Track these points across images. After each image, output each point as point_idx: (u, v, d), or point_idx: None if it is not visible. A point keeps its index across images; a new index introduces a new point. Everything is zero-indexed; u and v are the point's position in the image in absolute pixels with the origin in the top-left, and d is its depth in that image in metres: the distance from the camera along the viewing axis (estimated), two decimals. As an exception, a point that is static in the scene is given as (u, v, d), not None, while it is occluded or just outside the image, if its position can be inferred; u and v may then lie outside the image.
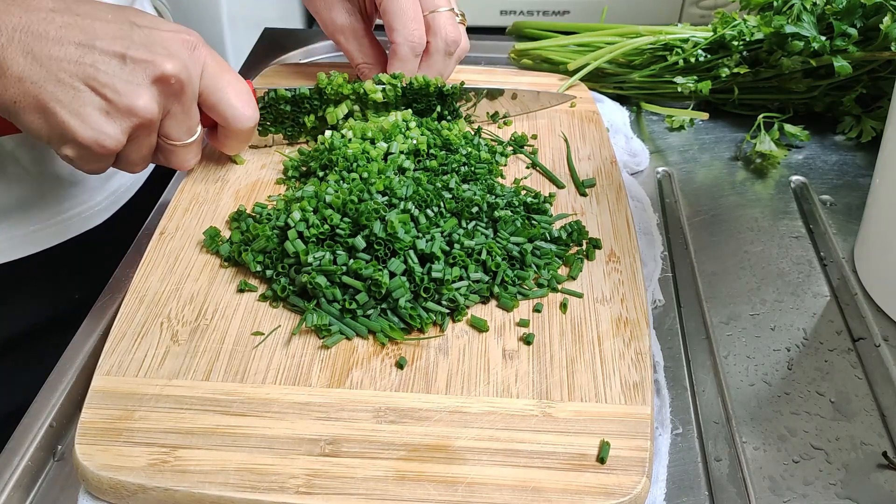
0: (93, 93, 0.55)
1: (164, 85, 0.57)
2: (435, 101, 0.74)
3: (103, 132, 0.56)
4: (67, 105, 0.55)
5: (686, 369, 0.58)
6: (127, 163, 0.61)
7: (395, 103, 0.73)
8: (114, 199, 0.79)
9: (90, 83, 0.55)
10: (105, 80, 0.55)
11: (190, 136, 0.62)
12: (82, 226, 0.76)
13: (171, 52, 0.58)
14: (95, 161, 0.59)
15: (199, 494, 0.45)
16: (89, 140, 0.56)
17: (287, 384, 0.51)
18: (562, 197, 0.68)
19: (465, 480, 0.46)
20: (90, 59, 0.55)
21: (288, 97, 0.71)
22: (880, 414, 0.54)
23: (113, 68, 0.55)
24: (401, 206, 0.60)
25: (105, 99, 0.56)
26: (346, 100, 0.72)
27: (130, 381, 0.51)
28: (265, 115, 0.71)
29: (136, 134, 0.58)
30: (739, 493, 0.49)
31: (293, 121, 0.73)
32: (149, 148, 0.61)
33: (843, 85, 0.82)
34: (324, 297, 0.55)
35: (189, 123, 0.61)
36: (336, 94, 0.72)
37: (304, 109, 0.72)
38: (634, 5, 1.03)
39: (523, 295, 0.58)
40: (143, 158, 0.61)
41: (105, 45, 0.55)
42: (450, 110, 0.75)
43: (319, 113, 0.72)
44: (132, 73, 0.56)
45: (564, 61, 0.87)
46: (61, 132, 0.56)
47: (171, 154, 0.63)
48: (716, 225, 0.71)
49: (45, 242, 0.74)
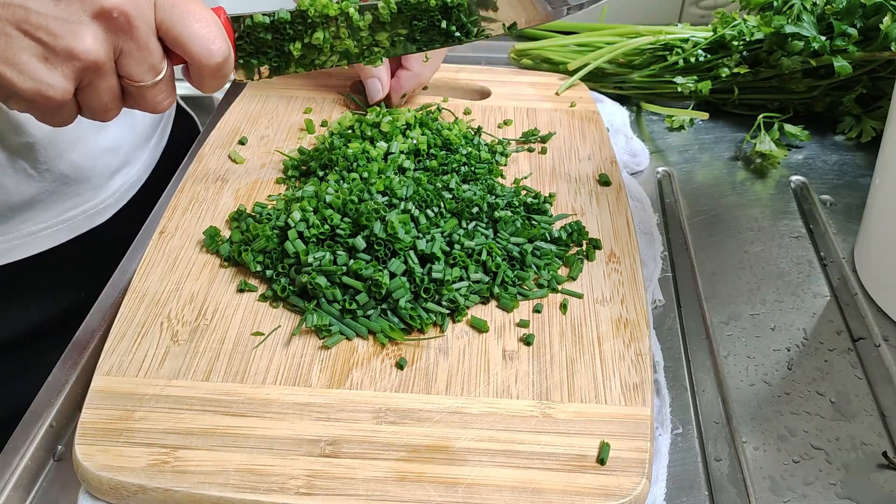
0: (26, 37, 0.49)
1: (106, 20, 0.51)
2: (439, 15, 0.65)
3: (44, 81, 0.50)
4: (1, 55, 0.49)
5: (686, 369, 0.58)
6: (90, 110, 0.55)
7: (392, 22, 0.65)
8: (118, 196, 0.79)
9: (22, 27, 0.49)
10: (38, 22, 0.49)
11: (155, 74, 0.55)
12: (88, 223, 0.76)
13: None
14: (48, 113, 0.53)
15: (199, 495, 0.45)
16: (31, 91, 0.50)
17: (287, 384, 0.51)
18: (562, 197, 0.68)
19: (465, 481, 0.46)
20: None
21: (266, 23, 0.62)
22: (880, 414, 0.54)
23: (46, 7, 0.49)
24: (401, 207, 0.60)
25: (41, 43, 0.49)
26: (333, 22, 0.64)
27: (130, 381, 0.51)
28: (243, 46, 0.63)
29: (87, 79, 0.52)
30: (739, 493, 0.49)
31: (277, 50, 0.64)
32: (109, 92, 0.54)
33: (843, 85, 0.82)
34: (324, 297, 0.55)
35: (151, 61, 0.54)
36: (321, 17, 0.64)
37: (287, 37, 0.64)
38: (634, 5, 1.03)
39: (523, 295, 0.58)
40: (106, 105, 0.55)
41: None
42: (458, 25, 0.66)
43: (306, 39, 0.64)
44: (68, 9, 0.49)
45: (564, 61, 0.87)
46: (0, 86, 0.50)
47: (139, 97, 0.56)
48: (716, 225, 0.71)
49: (51, 241, 0.74)
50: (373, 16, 0.65)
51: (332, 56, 0.66)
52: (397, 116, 0.72)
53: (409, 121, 0.72)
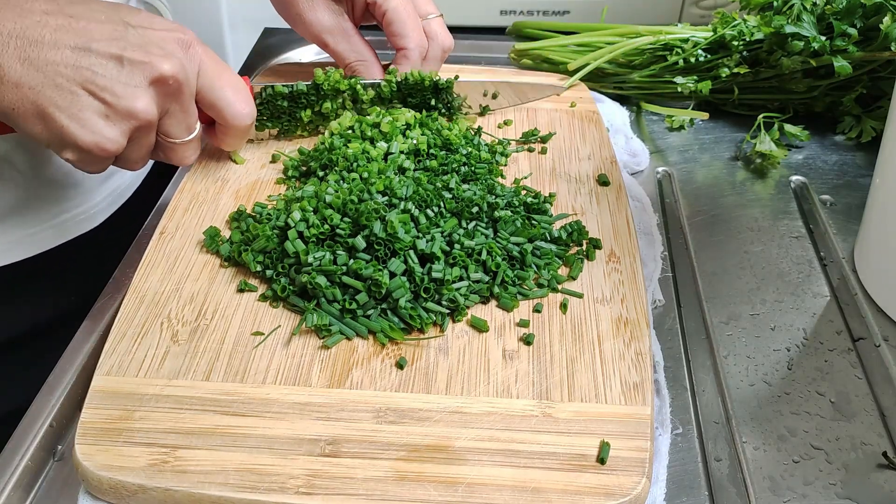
0: (91, 97, 0.55)
1: (161, 85, 0.57)
2: (430, 94, 0.75)
3: (103, 136, 0.56)
4: (66, 110, 0.55)
5: (686, 369, 0.58)
6: (127, 162, 0.61)
7: (391, 98, 0.75)
8: (112, 199, 0.79)
9: (88, 87, 0.55)
10: (103, 84, 0.55)
11: (189, 133, 0.62)
12: (81, 227, 0.76)
13: (167, 52, 0.57)
14: (97, 163, 0.59)
15: (199, 495, 0.45)
16: (90, 144, 0.56)
17: (287, 384, 0.51)
18: (562, 197, 0.68)
19: (465, 481, 0.46)
20: (87, 62, 0.55)
21: (285, 93, 0.72)
22: (880, 414, 0.54)
23: (110, 71, 0.55)
24: (401, 206, 0.60)
25: (104, 102, 0.55)
26: (341, 95, 0.73)
27: (130, 381, 0.51)
28: (262, 111, 0.72)
29: (136, 135, 0.58)
30: (739, 493, 0.49)
31: (290, 115, 0.73)
32: (148, 147, 0.61)
33: (843, 85, 0.82)
34: (324, 297, 0.55)
35: (188, 121, 0.62)
36: (333, 90, 0.73)
37: (300, 105, 0.73)
38: (634, 5, 1.03)
39: (523, 295, 0.58)
40: (143, 157, 0.62)
41: (101, 48, 0.55)
42: (444, 103, 0.76)
43: (316, 108, 0.73)
44: (130, 74, 0.56)
45: (564, 61, 0.87)
46: (61, 137, 0.55)
47: (170, 151, 0.63)
48: (716, 225, 0.71)
49: (44, 244, 0.74)
50: (375, 91, 0.74)
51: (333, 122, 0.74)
52: (397, 116, 0.72)
53: (408, 121, 0.72)
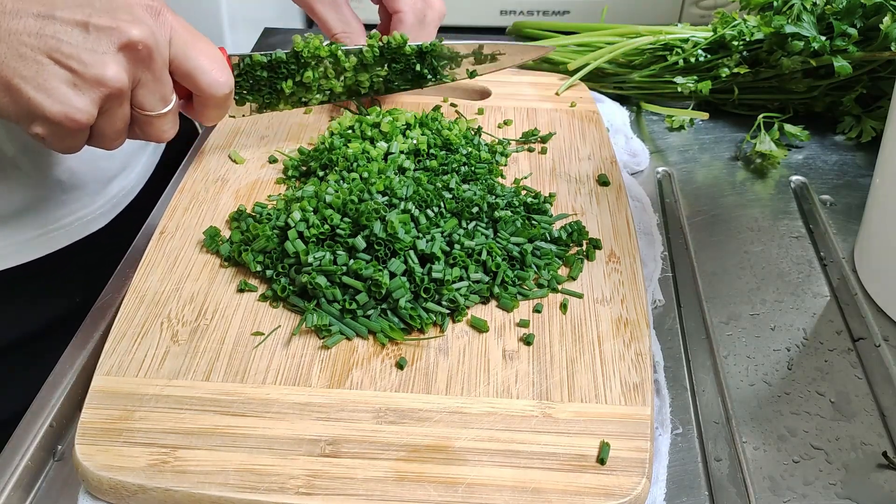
0: (57, 65, 0.53)
1: (131, 52, 0.55)
2: (414, 59, 0.73)
3: (72, 105, 0.53)
4: (32, 80, 0.52)
5: (686, 369, 0.58)
6: (102, 137, 0.59)
7: (374, 64, 0.73)
8: (114, 203, 0.79)
9: (53, 55, 0.52)
10: (69, 51, 0.53)
11: (164, 105, 0.59)
12: (83, 230, 0.76)
13: (135, 18, 0.55)
14: (68, 137, 0.56)
15: (199, 495, 0.45)
16: (58, 115, 0.53)
17: (287, 384, 0.51)
18: (562, 197, 0.68)
19: (465, 481, 0.46)
20: (51, 30, 0.52)
21: (264, 62, 0.69)
22: (880, 414, 0.54)
23: (76, 38, 0.53)
24: (401, 206, 0.60)
25: (71, 71, 0.53)
26: (322, 63, 0.71)
27: (130, 381, 0.51)
28: (241, 83, 0.69)
29: (108, 105, 0.56)
30: (739, 493, 0.49)
31: (270, 87, 0.71)
32: (122, 120, 0.58)
33: (843, 85, 0.82)
34: (324, 297, 0.55)
35: (162, 91, 0.59)
36: (313, 57, 0.70)
37: (280, 74, 0.70)
38: (634, 5, 1.03)
39: (523, 295, 0.58)
40: (118, 132, 0.59)
41: (66, 15, 0.53)
42: (430, 69, 0.75)
43: (297, 77, 0.71)
44: (97, 41, 0.53)
45: (564, 61, 0.87)
46: (28, 109, 0.53)
47: (146, 125, 0.60)
48: (716, 225, 0.71)
49: (47, 247, 0.74)
50: (357, 58, 0.72)
51: (317, 94, 0.73)
52: (397, 116, 0.72)
53: (408, 121, 0.72)
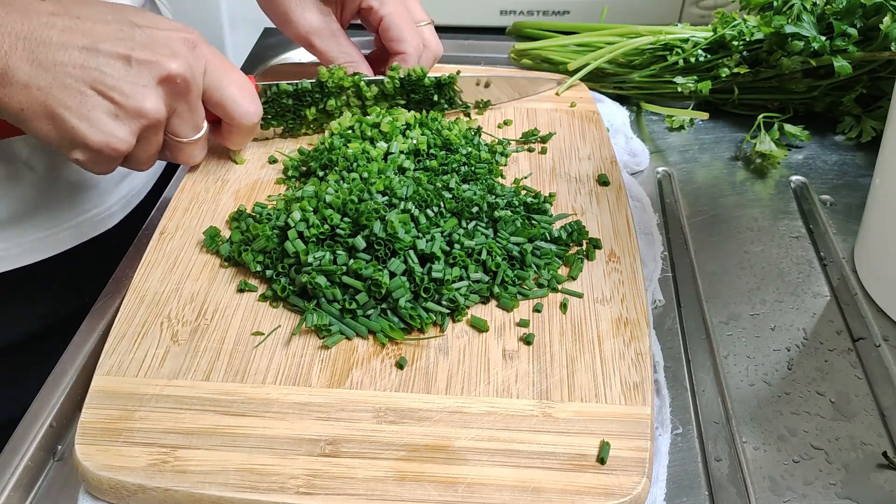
0: (100, 97, 0.56)
1: (169, 85, 0.58)
2: (433, 90, 0.76)
3: (113, 135, 0.56)
4: (76, 110, 0.55)
5: (686, 369, 0.58)
6: (136, 162, 0.62)
7: (394, 94, 0.75)
8: (126, 202, 0.79)
9: (97, 87, 0.55)
10: (112, 83, 0.56)
11: (196, 132, 0.63)
12: (97, 228, 0.76)
13: (174, 52, 0.58)
14: (106, 163, 0.59)
15: (199, 495, 0.45)
16: (100, 144, 0.56)
17: (287, 384, 0.51)
18: (562, 197, 0.68)
19: (465, 481, 0.46)
20: (95, 62, 0.55)
21: (290, 91, 0.72)
22: (880, 414, 0.54)
23: (118, 71, 0.56)
24: (401, 206, 0.60)
25: (113, 102, 0.56)
26: (345, 92, 0.74)
27: (130, 381, 0.51)
28: (267, 110, 0.73)
29: (145, 134, 0.59)
30: (739, 493, 0.49)
31: (294, 114, 0.74)
32: (157, 146, 0.62)
33: (843, 85, 0.82)
34: (324, 297, 0.55)
35: (195, 120, 0.62)
36: (337, 87, 0.73)
37: (305, 102, 0.74)
38: (634, 5, 1.03)
39: (523, 295, 0.58)
40: (151, 157, 0.62)
41: (109, 48, 0.56)
42: (446, 98, 0.77)
43: (320, 105, 0.74)
44: (138, 74, 0.56)
45: (564, 61, 0.87)
46: (71, 137, 0.56)
47: (178, 151, 0.64)
48: (716, 225, 0.71)
49: (59, 246, 0.74)
50: (378, 88, 0.75)
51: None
52: (397, 116, 0.72)
53: (408, 121, 0.72)
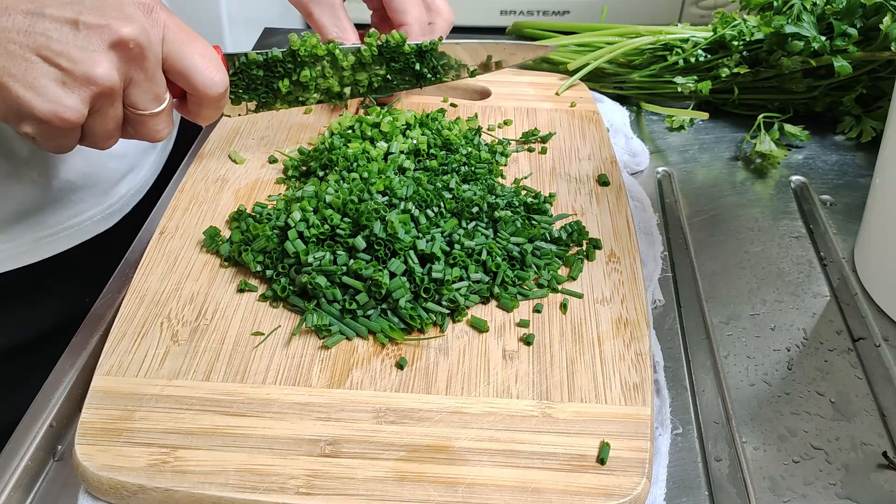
0: (47, 63, 0.52)
1: (122, 50, 0.54)
2: (414, 58, 0.73)
3: (62, 104, 0.53)
4: (21, 78, 0.52)
5: (686, 369, 0.58)
6: (94, 137, 0.58)
7: (372, 63, 0.72)
8: (123, 203, 0.79)
9: (43, 53, 0.52)
10: (58, 49, 0.52)
11: (158, 104, 0.58)
12: (97, 228, 0.76)
13: (126, 15, 0.54)
14: (58, 137, 0.55)
15: (199, 495, 0.45)
16: (48, 113, 0.52)
17: (287, 384, 0.51)
18: (562, 197, 0.68)
19: (465, 481, 0.46)
20: (41, 27, 0.52)
21: (260, 61, 0.68)
22: (880, 414, 0.54)
23: (66, 35, 0.52)
24: (401, 207, 0.60)
25: (60, 69, 0.52)
26: (320, 62, 0.70)
27: (130, 381, 0.51)
28: (236, 82, 0.68)
29: (99, 104, 0.55)
30: (739, 493, 0.49)
31: (266, 86, 0.70)
32: (114, 120, 0.57)
33: (843, 85, 0.82)
34: (324, 297, 0.55)
35: (155, 91, 0.58)
36: (310, 56, 0.69)
37: (277, 74, 0.69)
38: (634, 5, 1.03)
39: (523, 295, 0.58)
40: (110, 132, 0.58)
41: (55, 12, 0.52)
42: (429, 67, 0.74)
43: (294, 76, 0.70)
44: (87, 39, 0.53)
45: (564, 61, 0.87)
46: (17, 108, 0.52)
47: (140, 125, 0.59)
48: (716, 225, 0.71)
49: (58, 246, 0.74)
50: (355, 57, 0.71)
51: (314, 93, 0.72)
52: (397, 116, 0.72)
53: (408, 121, 0.72)
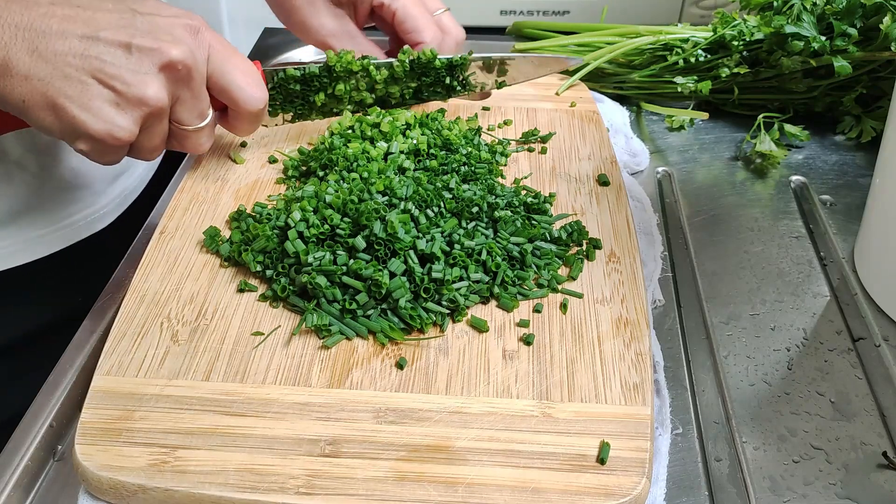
0: (101, 85, 0.55)
1: (171, 72, 0.57)
2: (444, 72, 0.75)
3: (115, 124, 0.56)
4: (77, 100, 0.55)
5: (686, 369, 0.58)
6: (141, 151, 0.61)
7: (404, 78, 0.75)
8: (120, 201, 0.79)
9: (97, 76, 0.55)
10: (112, 72, 0.55)
11: (202, 120, 0.62)
12: (90, 228, 0.76)
13: (175, 38, 0.57)
14: (110, 153, 0.58)
15: (199, 495, 0.45)
16: (102, 133, 0.56)
17: (287, 384, 0.51)
18: (562, 197, 0.68)
19: (465, 481, 0.46)
20: (95, 51, 0.55)
21: (297, 76, 0.71)
22: (880, 414, 0.54)
23: (119, 59, 0.55)
24: (401, 206, 0.60)
25: (114, 91, 0.55)
26: (354, 76, 0.73)
27: (130, 381, 0.51)
28: (275, 96, 0.71)
29: (149, 123, 0.58)
30: (739, 493, 0.49)
31: (303, 99, 0.73)
32: (161, 135, 0.61)
33: (843, 85, 0.82)
34: (324, 297, 0.55)
35: (200, 108, 0.61)
36: (345, 71, 0.72)
37: (313, 88, 0.72)
38: (634, 5, 1.03)
39: (523, 295, 0.58)
40: (156, 146, 0.61)
41: (109, 36, 0.55)
42: (458, 80, 0.76)
43: (329, 90, 0.73)
44: (139, 62, 0.56)
45: (564, 61, 0.87)
46: (73, 127, 0.55)
47: (184, 139, 0.63)
48: (716, 225, 0.71)
49: (53, 246, 0.74)
50: (388, 71, 0.74)
51: (348, 105, 0.75)
52: (397, 116, 0.72)
53: (408, 121, 0.72)
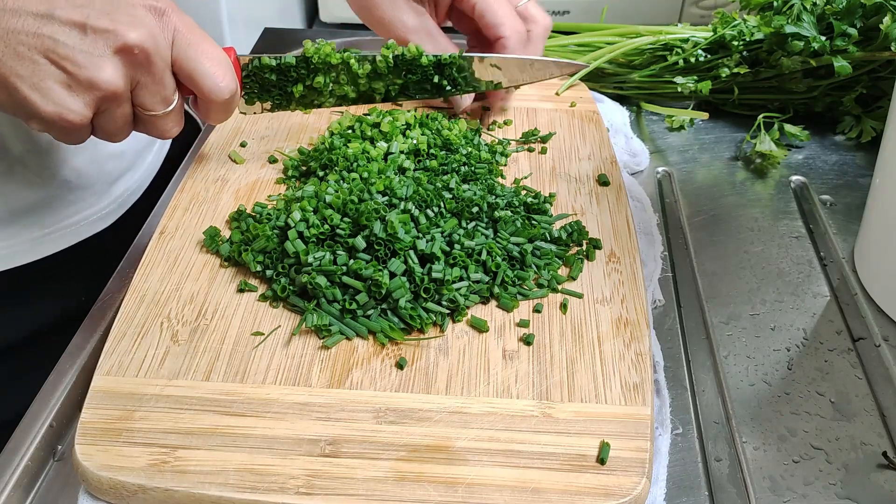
0: (53, 66, 0.53)
1: (127, 55, 0.55)
2: (432, 70, 0.72)
3: (65, 107, 0.54)
4: (27, 79, 0.53)
5: (686, 369, 0.58)
6: (104, 133, 0.59)
7: (388, 73, 0.71)
8: (121, 202, 0.79)
9: (49, 56, 0.52)
10: (64, 53, 0.53)
11: (166, 105, 0.59)
12: (89, 230, 0.76)
13: (135, 20, 0.54)
14: (67, 133, 0.56)
15: (199, 495, 0.45)
16: (52, 115, 0.54)
17: (287, 384, 0.51)
18: (562, 197, 0.68)
19: (465, 481, 0.46)
20: (49, 30, 0.52)
21: (273, 66, 0.69)
22: (880, 414, 0.54)
23: (73, 39, 0.53)
24: (401, 206, 0.60)
25: (66, 72, 0.53)
26: (334, 69, 0.70)
27: (130, 381, 0.51)
28: (250, 84, 0.69)
29: (104, 106, 0.56)
30: (739, 493, 0.49)
31: (280, 90, 0.70)
32: (123, 118, 0.58)
33: (843, 85, 0.82)
34: (324, 297, 0.55)
35: (163, 93, 0.58)
36: (323, 64, 0.69)
37: (290, 79, 0.70)
38: (634, 5, 1.03)
39: (523, 295, 0.58)
40: (120, 129, 0.59)
41: (64, 15, 0.53)
42: (449, 80, 0.72)
43: (307, 82, 0.70)
44: (93, 43, 0.53)
45: (564, 61, 0.87)
46: (24, 107, 0.54)
47: (149, 124, 0.60)
48: (716, 225, 0.71)
49: (53, 247, 0.74)
50: (371, 66, 0.71)
51: (330, 98, 0.72)
52: (397, 116, 0.72)
53: (408, 121, 0.72)
